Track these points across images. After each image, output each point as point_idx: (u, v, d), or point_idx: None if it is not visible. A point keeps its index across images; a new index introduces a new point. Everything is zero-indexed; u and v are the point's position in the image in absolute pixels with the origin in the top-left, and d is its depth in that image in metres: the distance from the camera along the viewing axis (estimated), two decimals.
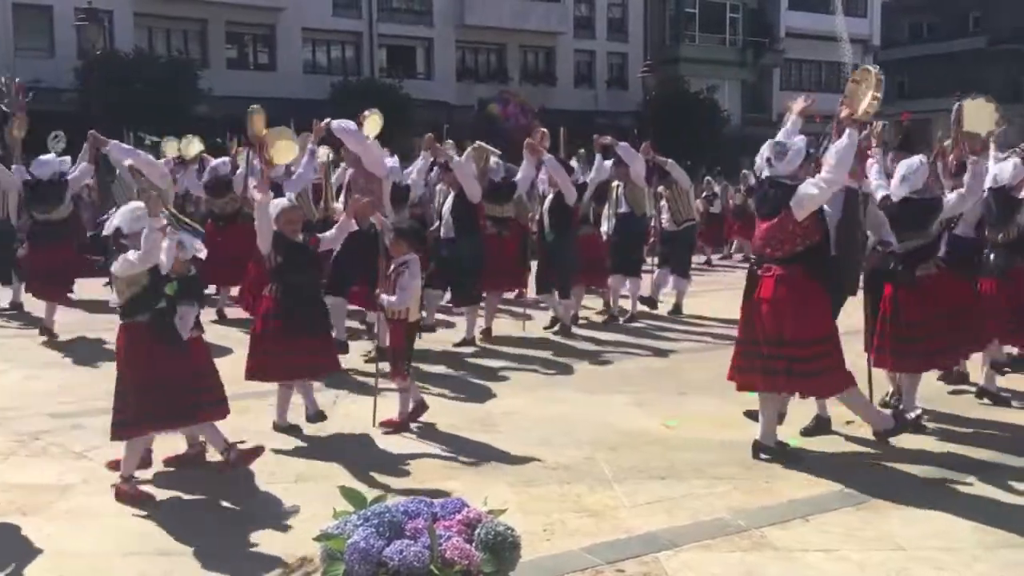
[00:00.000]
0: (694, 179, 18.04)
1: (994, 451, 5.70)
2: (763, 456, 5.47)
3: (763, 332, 5.35)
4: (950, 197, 6.22)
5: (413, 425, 6.17)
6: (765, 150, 5.37)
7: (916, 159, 6.23)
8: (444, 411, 6.56)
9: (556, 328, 9.78)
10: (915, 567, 3.99)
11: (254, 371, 5.98)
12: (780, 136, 5.52)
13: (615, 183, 10.33)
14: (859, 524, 4.49)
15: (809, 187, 5.17)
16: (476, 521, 3.04)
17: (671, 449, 5.75)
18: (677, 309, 11.07)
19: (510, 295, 10.62)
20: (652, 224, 11.39)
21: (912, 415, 6.00)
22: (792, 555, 4.13)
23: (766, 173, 5.38)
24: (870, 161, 6.16)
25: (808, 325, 5.32)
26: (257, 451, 5.24)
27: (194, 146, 11.21)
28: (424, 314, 7.61)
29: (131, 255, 4.69)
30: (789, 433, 5.88)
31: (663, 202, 10.89)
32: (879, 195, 6.12)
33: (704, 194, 19.60)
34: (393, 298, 6.00)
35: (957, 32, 45.24)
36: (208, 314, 8.54)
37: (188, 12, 29.03)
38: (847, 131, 5.23)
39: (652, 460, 5.51)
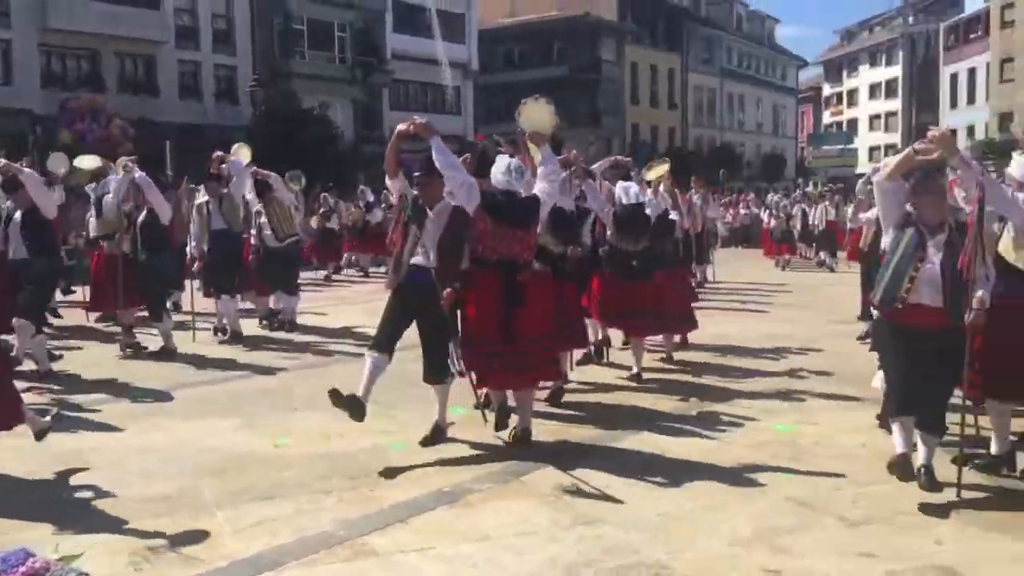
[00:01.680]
0: (309, 195, 18.04)
1: (577, 438, 6.38)
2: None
3: (530, 329, 5.92)
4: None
5: None
6: (513, 171, 5.99)
7: None
8: (24, 452, 5.93)
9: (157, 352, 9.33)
10: (499, 554, 4.32)
11: None
12: (444, 155, 5.88)
13: (205, 199, 10.11)
14: (453, 520, 4.78)
15: (547, 195, 6.11)
16: (43, 571, 2.79)
17: (279, 468, 5.70)
18: (291, 325, 11.02)
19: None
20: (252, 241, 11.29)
21: None
22: (392, 558, 4.29)
23: (504, 187, 5.97)
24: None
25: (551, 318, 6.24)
26: None
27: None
28: None
29: None
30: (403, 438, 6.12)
31: (263, 218, 10.80)
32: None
33: (321, 210, 19.68)
34: None
35: (543, 61, 49.81)
36: None
37: None
38: (545, 148, 6.14)
39: (259, 481, 5.42)
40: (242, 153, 10.50)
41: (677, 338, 9.50)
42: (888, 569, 4.15)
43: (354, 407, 5.80)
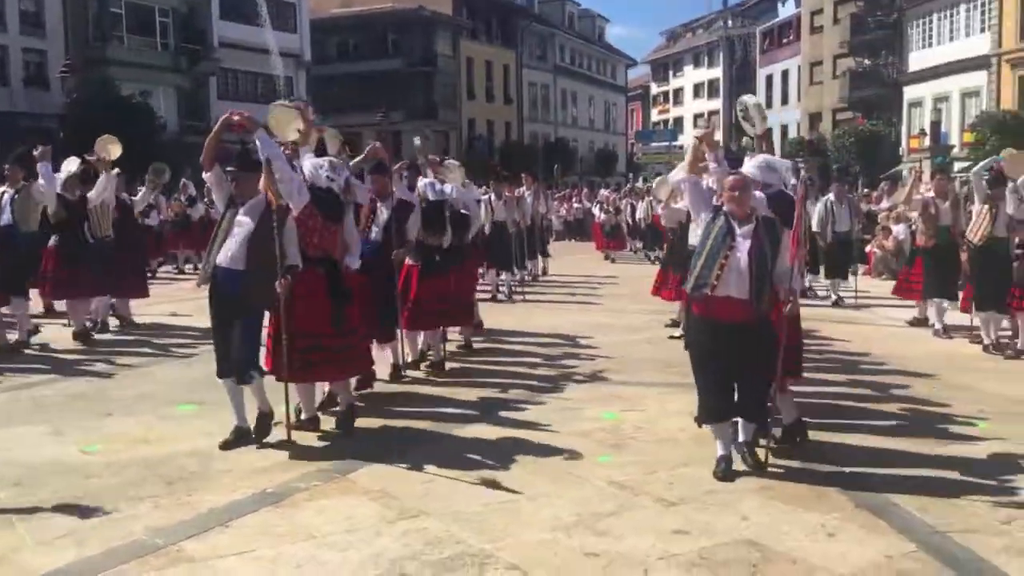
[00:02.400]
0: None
1: (404, 433, 6.36)
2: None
3: (352, 322, 6.24)
4: None
5: None
6: (334, 168, 6.22)
7: None
8: None
9: None
10: (323, 553, 4.26)
11: None
12: (271, 149, 5.85)
13: (3, 188, 9.45)
14: (276, 521, 4.66)
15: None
16: None
17: (88, 476, 5.40)
18: (103, 326, 10.44)
19: None
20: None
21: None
22: (208, 563, 4.14)
23: (326, 185, 6.15)
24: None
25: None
26: None
27: None
28: None
29: None
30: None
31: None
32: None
33: None
34: None
35: (378, 53, 49.14)
36: None
37: None
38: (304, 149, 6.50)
39: (65, 490, 5.11)
40: (111, 148, 9.89)
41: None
42: (701, 545, 4.35)
43: (240, 437, 5.94)
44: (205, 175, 6.12)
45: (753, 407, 5.45)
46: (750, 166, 5.95)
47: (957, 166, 32.11)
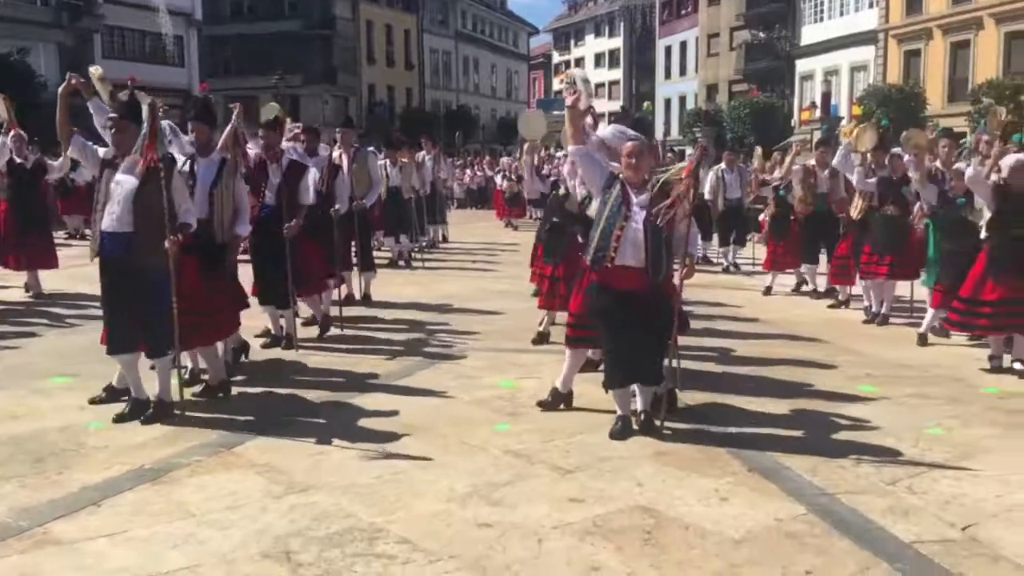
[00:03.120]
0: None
1: (294, 405, 6.15)
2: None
3: (214, 288, 6.21)
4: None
5: None
6: (170, 133, 6.27)
7: None
8: None
9: None
10: (202, 531, 4.03)
11: None
12: (102, 117, 5.84)
13: None
14: (153, 499, 4.41)
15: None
16: None
17: None
18: None
19: None
20: None
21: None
22: (75, 547, 3.87)
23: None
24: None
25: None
26: None
27: None
28: None
29: None
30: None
31: None
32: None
33: None
34: None
35: (275, 14, 47.53)
36: None
37: None
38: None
39: None
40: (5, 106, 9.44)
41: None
42: (595, 513, 4.30)
43: (137, 410, 5.63)
44: (69, 151, 5.83)
45: (649, 371, 5.44)
46: (605, 132, 5.95)
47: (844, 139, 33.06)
